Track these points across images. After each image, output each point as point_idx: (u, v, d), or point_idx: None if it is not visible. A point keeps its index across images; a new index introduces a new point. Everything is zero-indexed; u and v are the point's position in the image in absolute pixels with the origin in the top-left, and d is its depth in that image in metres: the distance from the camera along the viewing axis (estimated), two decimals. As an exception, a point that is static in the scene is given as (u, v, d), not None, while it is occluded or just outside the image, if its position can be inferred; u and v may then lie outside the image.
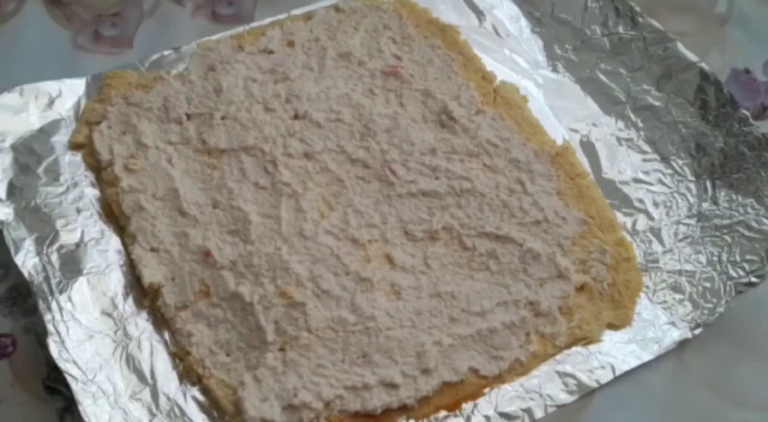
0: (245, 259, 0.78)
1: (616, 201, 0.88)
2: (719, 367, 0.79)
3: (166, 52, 0.96)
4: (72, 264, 0.79)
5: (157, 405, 0.72)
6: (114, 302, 0.78)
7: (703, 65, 0.91)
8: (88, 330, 0.75)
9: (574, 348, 0.78)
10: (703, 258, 0.82)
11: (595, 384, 0.76)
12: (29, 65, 0.96)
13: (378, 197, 0.84)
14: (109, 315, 0.77)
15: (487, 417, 0.74)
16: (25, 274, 0.76)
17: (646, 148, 0.91)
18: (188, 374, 0.74)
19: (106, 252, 0.81)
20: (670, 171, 0.89)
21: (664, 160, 0.90)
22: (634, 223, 0.86)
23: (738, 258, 0.81)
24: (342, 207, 0.83)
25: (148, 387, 0.73)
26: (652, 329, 0.79)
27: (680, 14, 1.07)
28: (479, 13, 1.04)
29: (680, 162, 0.89)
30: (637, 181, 0.89)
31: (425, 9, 1.02)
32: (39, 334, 0.78)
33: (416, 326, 0.76)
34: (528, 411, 0.74)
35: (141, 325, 0.77)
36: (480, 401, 0.74)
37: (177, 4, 1.05)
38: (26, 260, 0.77)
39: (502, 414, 0.74)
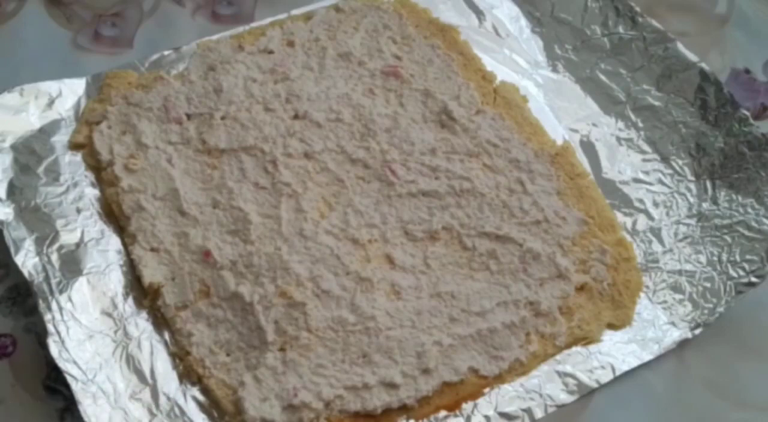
0: (245, 259, 0.78)
1: (616, 201, 0.88)
2: (719, 367, 0.79)
3: (166, 52, 0.96)
4: (72, 264, 0.79)
5: (157, 405, 0.72)
6: (114, 302, 0.78)
7: (703, 65, 0.91)
8: (88, 330, 0.75)
9: (574, 348, 0.78)
10: (703, 258, 0.82)
11: (595, 384, 0.76)
12: (29, 65, 0.96)
13: (378, 197, 0.83)
14: (109, 315, 0.77)
15: (487, 417, 0.74)
16: (25, 274, 0.76)
17: (646, 148, 0.91)
18: (188, 374, 0.74)
19: (106, 252, 0.81)
20: (670, 171, 0.89)
21: (664, 160, 0.90)
22: (634, 223, 0.86)
23: (738, 258, 0.81)
24: (342, 207, 0.83)
25: (148, 387, 0.73)
26: (652, 329, 0.79)
27: (680, 14, 1.07)
28: (479, 13, 1.04)
29: (680, 162, 0.89)
30: (637, 181, 0.89)
31: (425, 9, 1.02)
32: (39, 334, 0.78)
33: (416, 326, 0.75)
34: (528, 411, 0.74)
35: (141, 325, 0.77)
36: (480, 401, 0.74)
37: (177, 4, 1.05)
38: (26, 260, 0.77)
39: (502, 414, 0.74)
